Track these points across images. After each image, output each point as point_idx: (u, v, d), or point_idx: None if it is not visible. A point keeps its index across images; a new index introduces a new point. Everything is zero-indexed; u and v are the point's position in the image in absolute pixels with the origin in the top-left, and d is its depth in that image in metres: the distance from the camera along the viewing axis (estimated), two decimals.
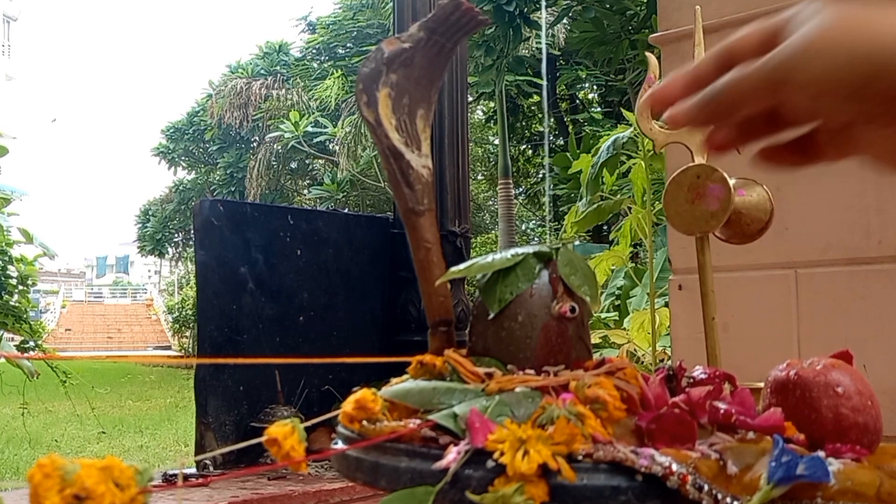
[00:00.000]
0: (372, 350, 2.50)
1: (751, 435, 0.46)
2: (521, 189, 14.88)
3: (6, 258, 4.09)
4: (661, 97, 0.45)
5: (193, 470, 1.98)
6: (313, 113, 14.15)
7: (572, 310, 0.52)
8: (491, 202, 15.74)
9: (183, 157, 19.58)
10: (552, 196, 11.48)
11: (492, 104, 12.86)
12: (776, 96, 0.40)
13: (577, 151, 7.37)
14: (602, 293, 4.41)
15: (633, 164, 2.62)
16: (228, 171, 17.81)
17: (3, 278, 4.05)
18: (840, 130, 0.42)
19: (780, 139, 0.45)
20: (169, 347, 21.30)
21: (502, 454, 0.42)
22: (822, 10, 0.39)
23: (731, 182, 0.72)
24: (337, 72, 13.45)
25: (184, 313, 17.59)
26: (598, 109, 13.00)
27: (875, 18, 0.38)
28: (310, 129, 13.64)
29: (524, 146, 14.44)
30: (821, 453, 0.44)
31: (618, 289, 4.47)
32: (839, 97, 0.38)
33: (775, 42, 0.40)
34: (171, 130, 19.40)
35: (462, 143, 2.56)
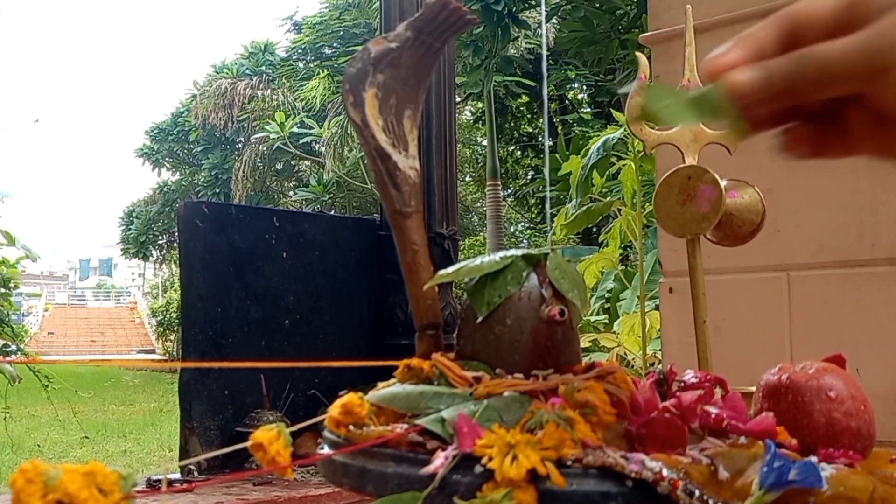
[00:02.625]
0: (358, 353, 2.49)
1: (742, 440, 0.46)
2: (509, 191, 14.92)
3: None
4: (717, 66, 0.38)
5: (178, 475, 1.96)
6: (299, 114, 14.12)
7: (561, 313, 0.52)
8: (479, 204, 15.77)
9: (167, 159, 19.48)
10: (541, 198, 11.52)
11: (480, 105, 12.89)
12: (872, 84, 0.35)
13: (567, 153, 7.40)
14: (591, 296, 4.42)
15: (623, 166, 2.63)
16: (213, 173, 17.74)
17: None
18: (881, 124, 0.38)
19: (811, 125, 0.41)
20: (153, 351, 21.16)
21: (490, 459, 0.42)
22: None
23: (723, 183, 0.71)
24: (323, 72, 13.43)
25: (168, 316, 17.49)
26: (588, 110, 13.06)
27: None
28: (295, 129, 13.61)
29: (513, 147, 14.49)
30: (813, 458, 0.44)
31: (607, 291, 4.48)
32: None
33: (854, 20, 0.36)
34: (155, 131, 19.30)
35: (450, 145, 2.56)
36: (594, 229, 9.09)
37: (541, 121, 14.00)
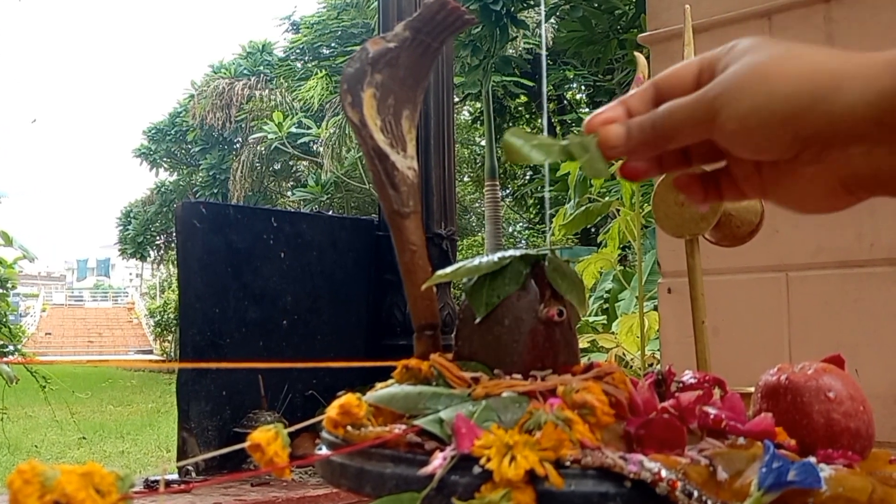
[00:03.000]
0: (356, 354, 2.49)
1: (741, 440, 0.46)
2: (507, 191, 14.91)
3: None
4: (597, 120, 0.45)
5: (176, 476, 1.96)
6: (297, 114, 14.11)
7: (560, 313, 0.52)
8: (477, 204, 15.76)
9: (165, 159, 19.46)
10: (539, 199, 11.50)
11: (478, 105, 12.88)
12: (709, 130, 0.41)
13: None
14: (590, 296, 4.42)
15: None
16: (211, 173, 17.73)
17: None
18: (758, 168, 0.43)
19: (695, 171, 0.46)
20: (151, 352, 21.13)
21: (489, 460, 0.42)
22: (754, 48, 0.41)
23: None
24: (321, 72, 13.41)
25: (166, 317, 17.46)
26: (587, 110, 13.05)
27: (803, 58, 0.39)
28: (293, 130, 13.59)
29: None
30: (812, 459, 0.44)
31: (606, 292, 4.48)
32: (765, 134, 0.39)
33: (709, 77, 0.42)
34: (153, 131, 19.28)
35: (448, 145, 2.55)
36: (593, 230, 9.08)
37: (539, 121, 14.00)
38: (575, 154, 0.45)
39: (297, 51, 15.68)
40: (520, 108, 13.49)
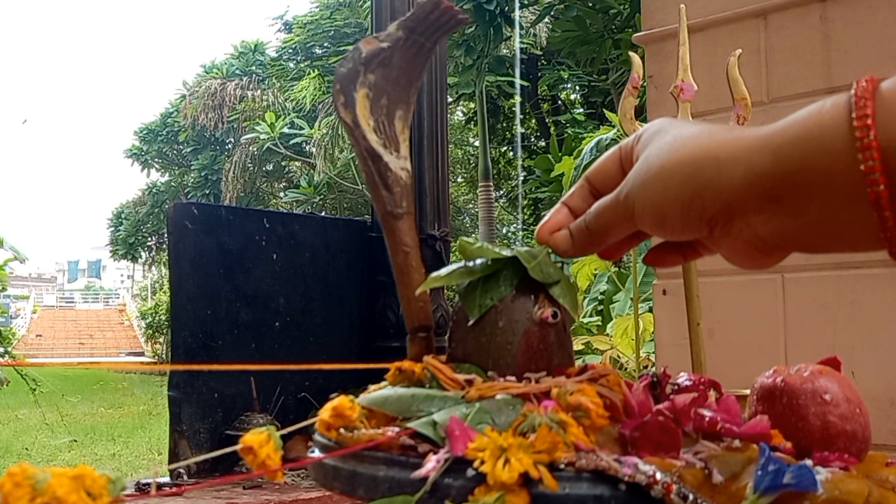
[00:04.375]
0: (349, 356, 2.48)
1: (737, 443, 0.45)
2: (501, 192, 14.93)
3: None
4: (546, 230, 0.50)
5: (167, 479, 1.95)
6: (289, 114, 14.10)
7: (554, 315, 0.51)
8: (471, 205, 15.78)
9: (156, 159, 19.41)
10: (534, 200, 11.50)
11: (472, 105, 12.88)
12: (632, 224, 0.45)
13: (560, 154, 7.39)
14: (584, 298, 4.42)
15: None
16: (203, 174, 17.69)
17: None
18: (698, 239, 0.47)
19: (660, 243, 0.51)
20: (142, 353, 21.05)
21: (483, 463, 0.42)
22: (658, 133, 0.44)
23: None
24: (313, 72, 13.40)
25: (157, 319, 17.41)
26: (581, 111, 13.06)
27: (688, 146, 0.42)
28: (286, 130, 13.58)
29: (505, 148, 14.49)
30: (808, 462, 0.44)
31: (601, 294, 4.48)
32: (674, 220, 0.43)
33: (629, 167, 0.45)
34: (145, 132, 19.23)
35: (441, 145, 2.55)
36: None
37: (533, 121, 14.01)
38: (524, 260, 0.50)
39: (290, 51, 15.68)
40: (514, 109, 13.52)
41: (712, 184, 0.40)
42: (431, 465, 0.43)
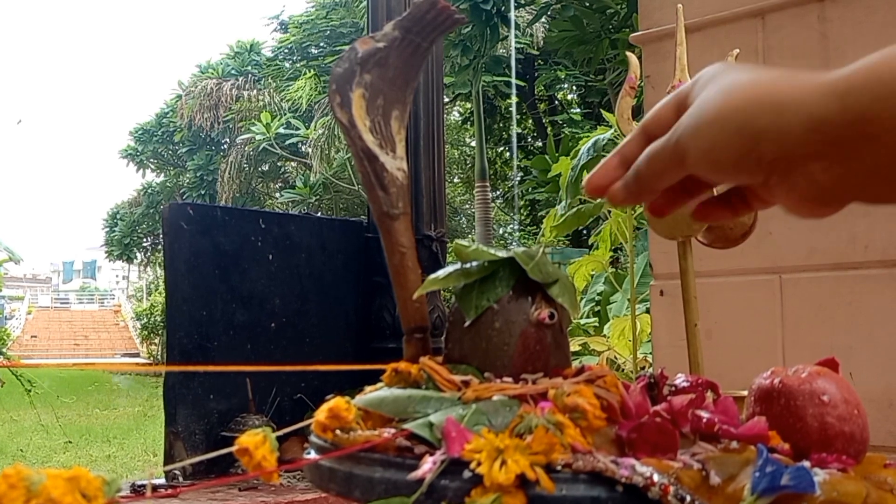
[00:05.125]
0: (345, 357, 2.48)
1: (734, 444, 0.45)
2: (498, 192, 14.93)
3: None
4: (595, 182, 0.48)
5: (162, 480, 1.94)
6: (285, 114, 14.08)
7: (551, 316, 0.51)
8: (468, 206, 15.77)
9: (152, 160, 19.37)
10: (531, 200, 11.50)
11: (468, 105, 12.88)
12: (684, 169, 0.43)
13: (556, 154, 7.39)
14: (582, 299, 4.42)
15: None
16: (198, 174, 17.66)
17: None
18: (752, 187, 0.46)
19: (710, 195, 0.49)
20: (137, 355, 21.00)
21: (479, 464, 0.41)
22: (715, 78, 0.43)
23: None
24: (309, 72, 13.38)
25: (152, 320, 17.37)
26: (578, 111, 13.06)
27: (760, 84, 0.41)
28: (282, 130, 13.56)
29: (501, 148, 14.49)
30: (806, 463, 0.43)
31: (598, 294, 4.48)
32: (729, 165, 0.41)
33: (683, 113, 0.44)
34: (140, 132, 19.18)
35: (438, 145, 2.55)
36: (584, 231, 9.09)
37: (530, 121, 14.02)
38: (521, 261, 0.49)
39: (286, 50, 15.65)
40: (510, 109, 13.52)
41: (771, 129, 0.39)
42: (428, 466, 0.43)
